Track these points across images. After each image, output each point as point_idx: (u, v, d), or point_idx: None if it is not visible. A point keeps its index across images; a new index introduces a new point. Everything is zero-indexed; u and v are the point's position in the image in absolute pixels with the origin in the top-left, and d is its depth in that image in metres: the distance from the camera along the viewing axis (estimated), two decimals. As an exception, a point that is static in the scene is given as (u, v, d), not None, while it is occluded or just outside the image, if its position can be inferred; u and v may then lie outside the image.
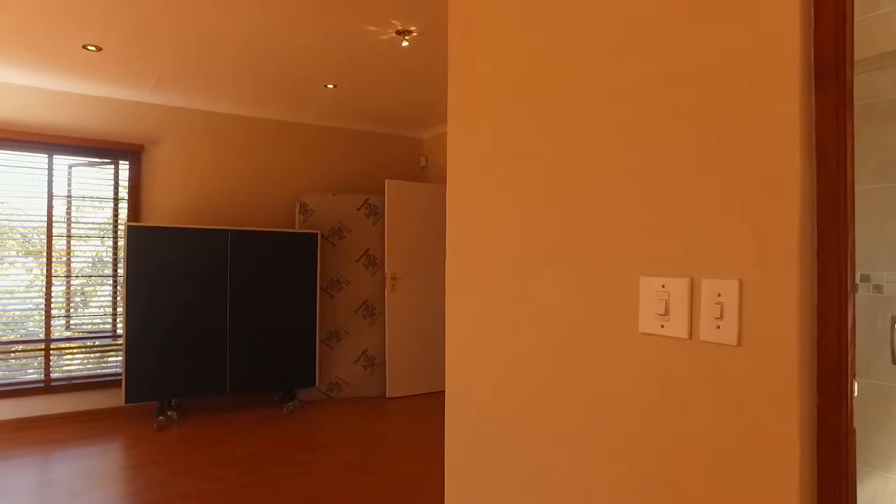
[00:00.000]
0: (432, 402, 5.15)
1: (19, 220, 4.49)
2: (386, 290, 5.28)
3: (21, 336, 4.49)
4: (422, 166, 6.01)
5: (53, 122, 4.45)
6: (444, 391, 1.78)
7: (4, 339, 4.49)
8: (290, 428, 4.40)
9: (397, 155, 5.91)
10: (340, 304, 5.30)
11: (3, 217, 4.42)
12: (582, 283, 1.18)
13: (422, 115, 5.26)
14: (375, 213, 5.42)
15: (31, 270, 4.52)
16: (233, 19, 3.19)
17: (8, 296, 4.49)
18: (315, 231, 4.99)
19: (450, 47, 1.58)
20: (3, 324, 4.46)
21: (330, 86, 4.36)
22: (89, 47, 3.59)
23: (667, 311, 0.99)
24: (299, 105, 4.90)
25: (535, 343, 1.29)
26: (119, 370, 4.53)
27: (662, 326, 0.99)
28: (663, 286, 1.00)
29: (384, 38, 3.45)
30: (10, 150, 4.34)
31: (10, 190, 4.47)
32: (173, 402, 4.55)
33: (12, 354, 4.48)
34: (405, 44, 3.46)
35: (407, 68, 3.99)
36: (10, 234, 4.49)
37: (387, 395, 5.26)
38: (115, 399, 4.42)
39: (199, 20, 3.20)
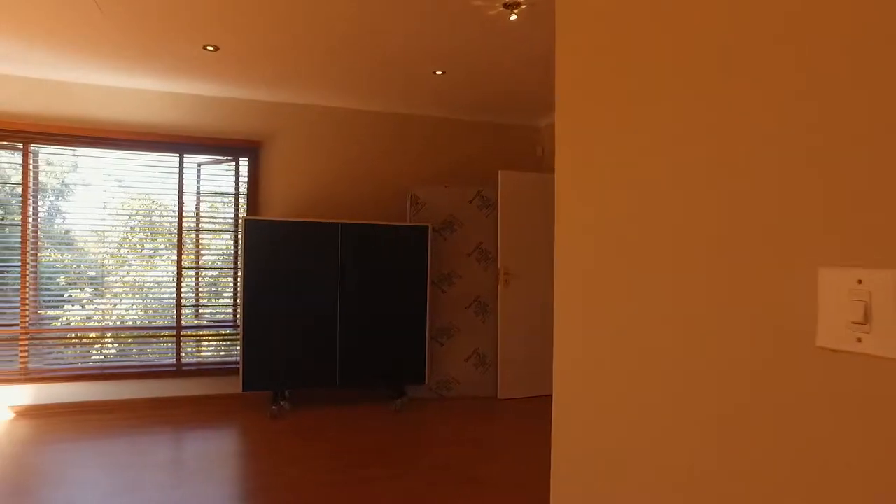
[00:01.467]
0: (547, 405, 4.81)
1: (162, 217, 4.82)
2: (499, 286, 5.03)
3: (165, 323, 4.81)
4: (538, 156, 5.68)
5: (182, 123, 4.70)
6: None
7: (144, 325, 4.84)
8: (397, 426, 4.29)
9: (511, 145, 5.62)
10: (451, 299, 5.13)
11: (154, 214, 4.81)
12: (729, 277, 0.84)
13: (537, 101, 4.93)
14: (488, 205, 5.18)
15: (174, 263, 4.82)
16: (338, 9, 3.10)
17: (155, 286, 4.83)
18: (426, 224, 4.85)
19: (557, 11, 1.32)
20: (154, 312, 4.82)
21: (438, 72, 4.18)
22: (208, 47, 3.70)
23: (867, 318, 0.63)
24: (409, 96, 4.78)
25: (661, 356, 0.96)
26: (239, 359, 4.70)
27: (860, 340, 0.64)
28: (860, 281, 0.64)
29: (491, 13, 3.18)
30: (147, 150, 4.65)
31: (152, 188, 4.81)
32: (286, 393, 4.63)
33: (152, 340, 4.82)
34: (513, 17, 3.17)
35: (518, 48, 3.70)
36: (157, 230, 4.83)
37: (498, 397, 5.01)
38: (235, 386, 4.59)
39: (307, 15, 3.15)
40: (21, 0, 3.08)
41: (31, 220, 4.45)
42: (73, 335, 4.69)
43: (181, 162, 4.71)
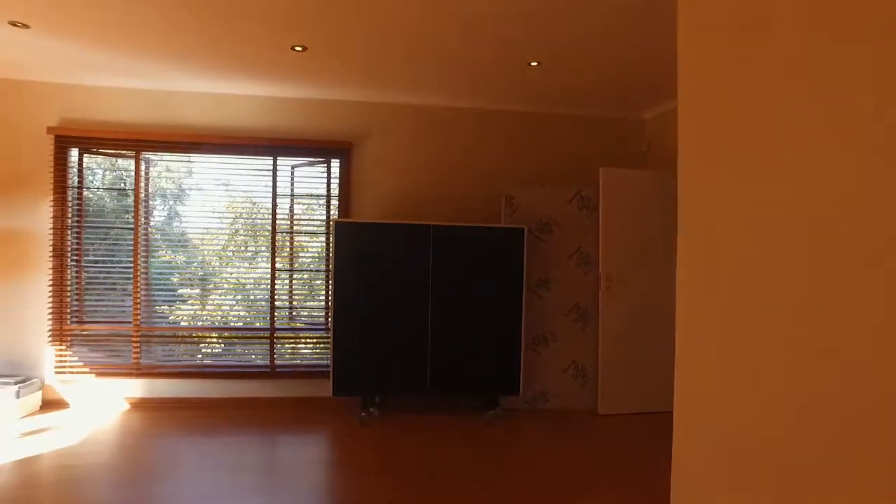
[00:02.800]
0: (654, 424, 4.37)
1: (263, 219, 4.90)
2: (600, 292, 4.64)
3: (262, 324, 4.90)
4: (643, 151, 5.22)
5: (275, 126, 4.75)
6: (669, 412, 1.33)
7: (240, 326, 4.95)
8: (488, 438, 4.05)
9: (614, 140, 5.20)
10: (549, 305, 4.81)
11: (256, 216, 4.93)
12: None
13: (642, 91, 4.50)
14: (589, 205, 4.82)
15: (275, 264, 4.90)
16: (427, 3, 2.93)
17: (255, 288, 4.94)
18: (521, 226, 4.58)
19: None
20: (255, 312, 4.93)
21: (533, 63, 3.89)
22: (296, 48, 3.66)
23: None
24: (503, 90, 4.53)
25: (828, 390, 0.67)
26: (330, 362, 4.67)
27: None
28: None
29: (592, -10, 2.87)
30: (244, 154, 4.74)
31: (254, 191, 4.91)
32: (376, 399, 4.54)
33: (249, 341, 4.92)
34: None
35: (621, 31, 3.33)
36: (259, 232, 4.94)
37: (598, 412, 4.62)
38: (326, 389, 4.56)
39: (396, 11, 3.00)
40: (129, 17, 3.17)
41: (142, 223, 4.67)
42: (178, 334, 4.87)
43: (275, 165, 4.77)
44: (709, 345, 1.07)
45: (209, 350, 5.06)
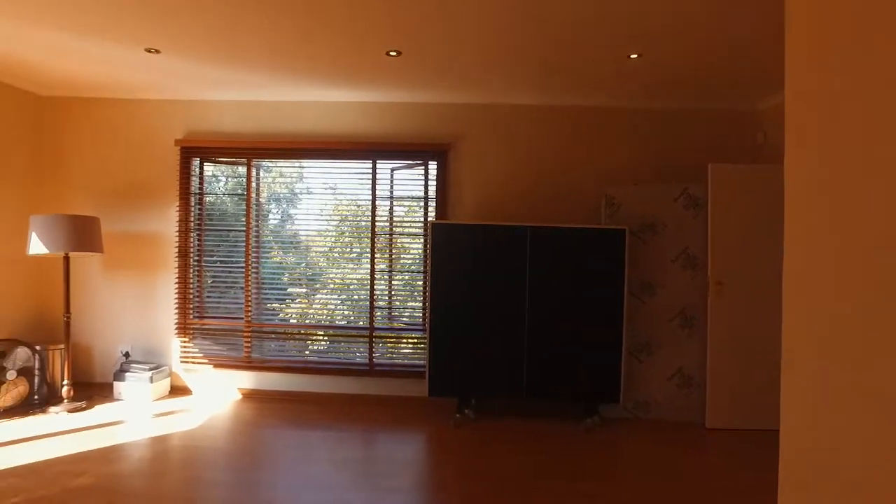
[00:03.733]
0: (771, 442, 4.01)
1: (368, 222, 5.08)
2: (709, 297, 4.34)
3: (364, 323, 5.07)
4: (758, 144, 4.81)
5: (373, 131, 4.89)
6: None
7: (342, 325, 5.15)
8: (586, 447, 3.91)
9: (724, 133, 4.84)
10: (652, 310, 4.57)
11: (360, 219, 5.13)
12: None
13: (757, 78, 4.15)
14: (696, 204, 4.52)
15: (374, 265, 5.06)
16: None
17: (358, 288, 5.13)
18: (622, 227, 4.38)
19: None
20: (358, 312, 5.12)
21: (633, 55, 3.71)
22: (391, 53, 3.75)
23: None
24: (602, 85, 4.36)
25: None
26: (426, 363, 4.74)
27: None
28: None
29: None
30: (346, 159, 4.93)
31: (357, 194, 5.10)
32: (472, 401, 4.53)
33: (350, 339, 5.10)
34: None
35: (731, 12, 3.09)
36: (362, 234, 5.12)
37: (706, 425, 4.32)
38: (422, 389, 4.63)
39: (488, 10, 2.98)
40: (241, 37, 3.41)
41: (254, 225, 4.99)
42: (284, 331, 5.16)
43: (374, 168, 4.91)
44: (819, 360, 0.96)
45: (315, 347, 5.31)
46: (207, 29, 3.42)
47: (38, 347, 4.53)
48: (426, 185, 4.93)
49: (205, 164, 5.06)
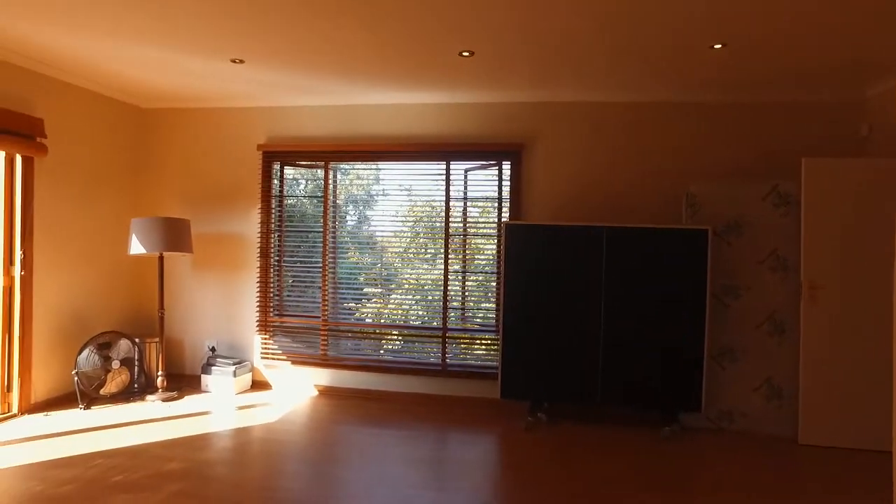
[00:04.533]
0: (873, 464, 3.69)
1: (442, 223, 5.12)
2: (802, 302, 4.05)
3: (438, 324, 5.11)
4: (861, 136, 4.44)
5: (447, 132, 4.92)
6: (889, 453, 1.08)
7: (415, 325, 5.21)
8: (663, 459, 3.74)
9: (820, 126, 4.51)
10: (737, 315, 4.32)
11: (434, 220, 5.18)
12: None
13: (862, 63, 3.83)
14: (787, 202, 4.24)
15: (448, 266, 5.09)
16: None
17: (432, 288, 5.18)
18: (705, 227, 4.17)
19: None
20: (432, 312, 5.17)
21: (717, 45, 3.52)
22: (464, 53, 3.75)
23: None
24: (681, 80, 4.17)
25: None
26: (499, 365, 4.70)
27: None
28: None
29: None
30: (420, 160, 4.99)
31: (432, 196, 5.15)
32: (544, 404, 4.45)
33: (423, 339, 5.15)
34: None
35: (828, -4, 2.87)
36: (438, 234, 5.16)
37: (799, 441, 4.03)
38: (494, 391, 4.60)
39: (563, 5, 2.94)
40: (313, 38, 3.52)
41: (331, 227, 5.15)
42: (360, 330, 5.28)
43: (447, 169, 4.93)
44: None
45: (389, 346, 5.40)
46: (286, 38, 3.56)
47: (137, 340, 4.87)
48: (500, 186, 4.90)
49: (285, 167, 5.27)
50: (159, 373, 4.75)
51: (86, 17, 3.29)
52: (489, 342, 4.95)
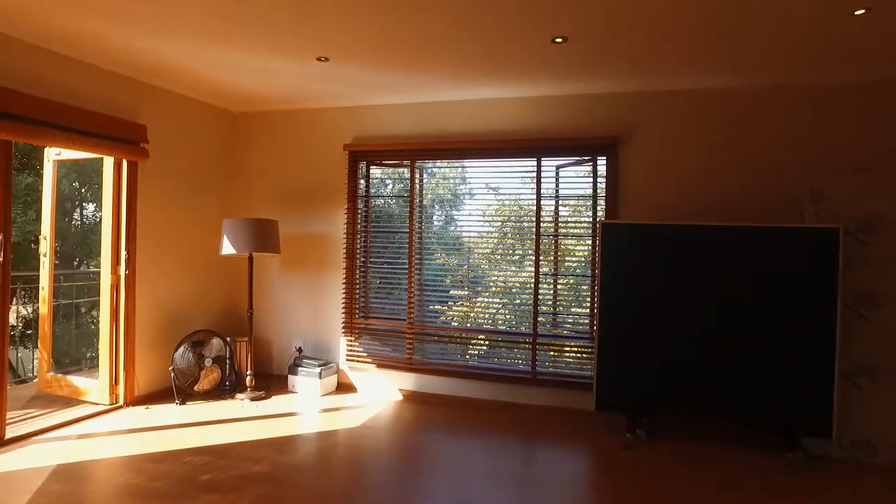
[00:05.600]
0: None
1: (531, 222, 4.87)
2: (960, 314, 3.43)
3: (527, 328, 4.86)
4: None
5: (537, 127, 4.63)
6: None
7: (504, 330, 4.97)
8: (783, 490, 3.27)
9: None
10: (877, 327, 3.76)
11: (524, 220, 4.95)
12: None
13: None
14: (939, 197, 3.62)
15: (539, 268, 4.82)
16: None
17: (520, 291, 4.94)
18: (834, 226, 3.65)
19: None
20: (519, 316, 4.93)
21: (859, 11, 3.02)
22: (556, 40, 3.47)
23: None
24: (803, 56, 3.65)
25: None
26: (593, 375, 4.37)
27: None
28: None
29: None
30: (509, 157, 4.74)
31: (521, 194, 4.92)
32: (644, 420, 4.07)
33: (512, 345, 4.90)
34: None
35: None
36: (526, 236, 4.92)
37: (960, 478, 3.41)
38: (588, 402, 4.26)
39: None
40: (398, 30, 3.38)
41: (416, 228, 5.02)
42: (446, 333, 5.10)
43: (538, 166, 4.65)
44: None
45: (475, 351, 5.20)
46: (369, 34, 3.44)
47: (228, 339, 4.97)
48: (594, 183, 4.57)
49: (371, 167, 5.20)
50: (248, 372, 4.81)
51: (201, 25, 3.35)
52: (582, 349, 4.61)
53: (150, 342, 4.62)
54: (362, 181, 5.20)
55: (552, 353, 4.72)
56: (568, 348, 4.72)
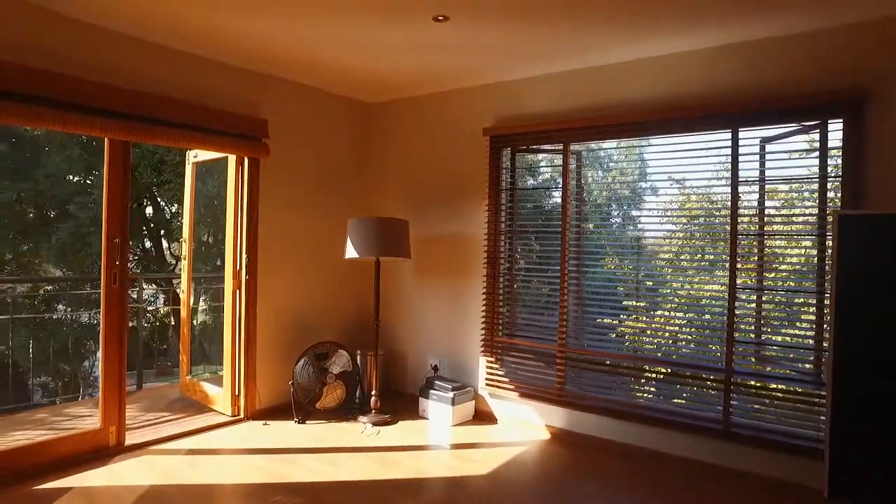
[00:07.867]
0: None
1: (720, 218, 3.69)
2: None
3: (711, 360, 3.66)
4: None
5: (731, 87, 3.37)
6: None
7: (681, 361, 3.77)
8: None
9: None
10: None
11: (715, 215, 3.80)
12: None
13: None
14: None
15: (734, 280, 3.57)
16: None
17: (704, 309, 3.78)
18: None
19: None
20: (706, 345, 3.76)
21: None
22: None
23: None
24: None
25: None
26: (821, 434, 3.02)
27: None
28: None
29: None
30: (689, 132, 3.56)
31: (708, 181, 3.77)
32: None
33: (695, 381, 3.70)
34: None
35: None
36: (716, 234, 3.74)
37: None
38: (814, 476, 2.94)
39: None
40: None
41: (571, 225, 4.05)
42: (608, 360, 4.04)
43: (734, 140, 3.38)
44: None
45: (647, 387, 4.08)
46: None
47: (358, 353, 4.49)
48: (822, 160, 3.21)
49: (516, 154, 4.35)
50: (373, 392, 4.26)
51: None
52: (801, 395, 3.25)
53: (273, 353, 4.29)
54: (506, 171, 4.37)
55: (754, 395, 3.43)
56: (777, 392, 3.39)
